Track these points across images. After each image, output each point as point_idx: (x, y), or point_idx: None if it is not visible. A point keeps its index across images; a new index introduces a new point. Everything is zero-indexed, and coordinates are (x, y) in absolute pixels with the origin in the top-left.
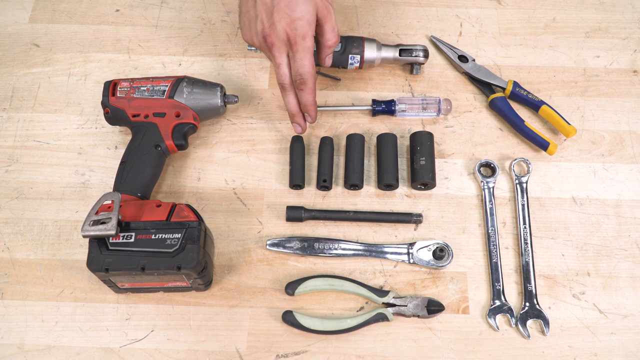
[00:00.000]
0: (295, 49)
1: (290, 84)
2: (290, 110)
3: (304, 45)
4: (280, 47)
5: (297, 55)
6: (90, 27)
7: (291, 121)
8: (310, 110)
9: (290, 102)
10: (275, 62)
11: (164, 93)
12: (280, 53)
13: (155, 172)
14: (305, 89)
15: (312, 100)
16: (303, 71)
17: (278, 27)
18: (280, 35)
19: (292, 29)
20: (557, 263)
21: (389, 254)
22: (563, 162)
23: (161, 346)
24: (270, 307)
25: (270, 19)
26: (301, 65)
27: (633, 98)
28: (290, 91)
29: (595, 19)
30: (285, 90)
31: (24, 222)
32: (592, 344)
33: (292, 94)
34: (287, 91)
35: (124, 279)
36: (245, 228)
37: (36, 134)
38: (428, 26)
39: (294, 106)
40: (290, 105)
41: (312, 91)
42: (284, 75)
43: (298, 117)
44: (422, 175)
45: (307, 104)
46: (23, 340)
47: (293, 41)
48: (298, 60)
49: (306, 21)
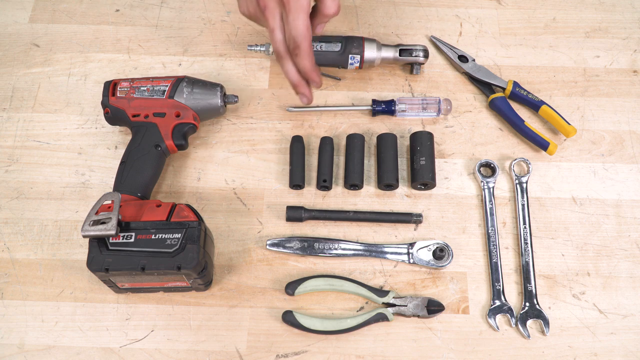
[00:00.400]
0: (288, 8)
1: (287, 51)
2: (292, 80)
3: (297, 3)
4: (273, 8)
5: (290, 15)
6: (90, 27)
7: (295, 92)
8: (312, 76)
9: (289, 70)
10: (269, 27)
11: (164, 93)
12: (273, 16)
13: (155, 172)
14: (300, 53)
15: (311, 65)
16: (296, 33)
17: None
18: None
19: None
20: (557, 263)
21: (389, 254)
22: (563, 162)
23: (161, 346)
24: (270, 307)
25: None
26: (294, 27)
27: (633, 98)
28: (287, 59)
29: (595, 19)
30: (282, 58)
31: (24, 222)
32: (592, 344)
33: (289, 62)
34: (284, 59)
35: (124, 279)
36: (245, 228)
37: (36, 134)
38: (428, 26)
39: (294, 75)
40: (290, 75)
41: (308, 55)
42: (279, 40)
43: (301, 87)
44: (422, 175)
45: (306, 69)
46: (23, 340)
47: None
48: (291, 21)
49: None
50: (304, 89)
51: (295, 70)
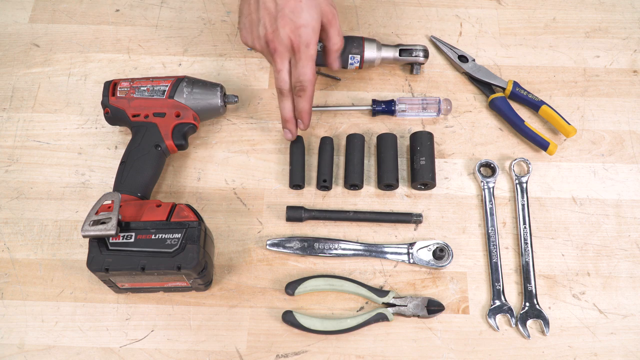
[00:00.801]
0: (298, 57)
1: (289, 90)
2: (285, 116)
3: (307, 53)
4: (283, 53)
5: (300, 62)
6: (90, 27)
7: (283, 126)
8: (304, 118)
9: (286, 107)
10: (276, 68)
11: (164, 93)
12: (282, 59)
13: (155, 172)
14: (304, 96)
15: (309, 108)
16: (304, 79)
17: (282, 33)
18: (283, 42)
19: (297, 36)
20: (557, 263)
21: (389, 254)
22: (563, 162)
23: (161, 346)
24: (270, 307)
25: (274, 24)
26: (303, 73)
27: (633, 98)
28: (287, 97)
29: (595, 19)
30: (283, 95)
31: (24, 222)
32: (592, 344)
33: (289, 100)
34: (284, 97)
35: (124, 279)
36: (245, 228)
37: (36, 134)
38: (428, 26)
39: (289, 112)
40: (285, 111)
41: (310, 99)
42: (284, 81)
43: (291, 124)
44: (422, 175)
45: (303, 111)
46: (23, 340)
47: (297, 48)
48: (300, 68)
49: (311, 29)
50: (292, 126)
51: (291, 108)
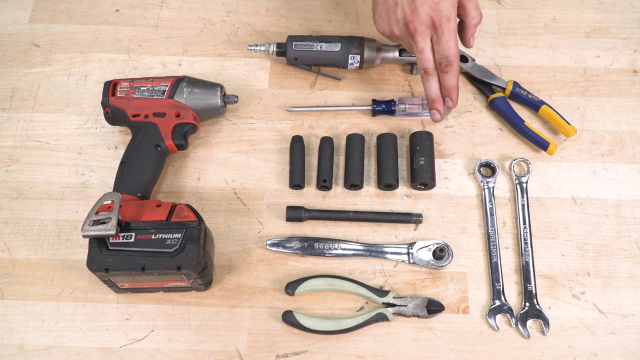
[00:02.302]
0: (440, 32)
1: (434, 69)
2: (432, 96)
3: (449, 27)
4: (424, 31)
5: (443, 37)
6: (90, 27)
7: (430, 107)
8: (453, 94)
9: (432, 86)
10: (418, 48)
11: (164, 93)
12: (423, 38)
13: (155, 172)
14: (451, 71)
15: (457, 84)
16: (449, 53)
17: (421, 11)
18: (423, 20)
19: (437, 12)
20: (557, 263)
21: (389, 254)
22: (563, 162)
23: (161, 346)
24: (270, 307)
25: (412, 4)
26: (447, 47)
27: (633, 98)
28: (433, 75)
29: (595, 19)
30: (429, 75)
31: (24, 222)
32: (592, 344)
33: (435, 79)
34: (430, 76)
35: (124, 279)
36: (245, 228)
37: (36, 134)
38: None
39: (435, 91)
40: (432, 90)
41: (457, 73)
42: (428, 60)
43: (438, 103)
44: (422, 175)
45: (451, 86)
46: (23, 340)
47: (438, 24)
48: (444, 43)
49: (449, 3)
50: (440, 106)
51: (438, 87)
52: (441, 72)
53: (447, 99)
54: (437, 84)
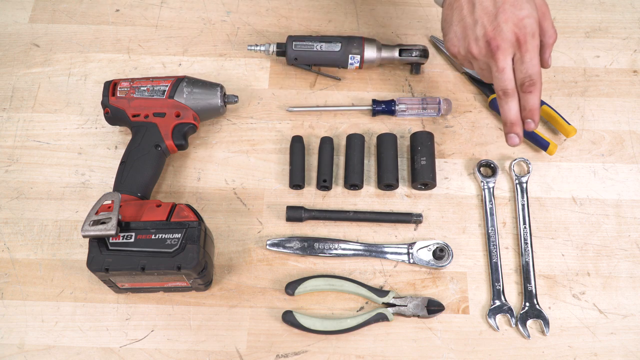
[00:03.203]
0: (524, 49)
1: (514, 89)
2: (511, 119)
3: (533, 44)
4: (507, 49)
5: (527, 55)
6: (90, 27)
7: (508, 131)
8: (535, 115)
9: (512, 108)
10: (499, 67)
11: (164, 93)
12: (505, 56)
13: (155, 172)
14: (535, 90)
15: (539, 104)
16: (533, 71)
17: (505, 28)
18: (507, 37)
19: (521, 28)
20: (557, 263)
21: (389, 254)
22: (563, 162)
23: (161, 346)
24: (270, 307)
25: (495, 21)
26: (532, 65)
27: (633, 98)
28: (513, 97)
29: (595, 19)
30: (508, 96)
31: (24, 222)
32: (592, 344)
33: (515, 100)
34: (509, 97)
35: (124, 279)
36: (245, 228)
37: (36, 134)
38: (428, 26)
39: (515, 114)
40: (512, 113)
41: (540, 93)
42: (509, 79)
43: (518, 126)
44: (422, 175)
45: (534, 107)
46: (23, 340)
47: (522, 40)
48: (528, 61)
49: (533, 19)
50: (520, 129)
51: (517, 109)
52: (523, 92)
53: (528, 120)
54: (517, 106)
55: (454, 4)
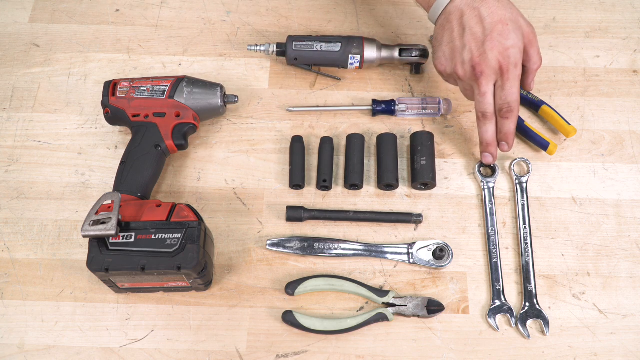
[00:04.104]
0: (506, 77)
1: (493, 113)
2: (487, 140)
3: (515, 73)
4: (489, 75)
5: (508, 83)
6: (90, 27)
7: (483, 151)
8: (510, 139)
9: (488, 131)
10: (480, 91)
11: (164, 93)
12: (487, 82)
13: (155, 172)
14: (511, 117)
15: (514, 129)
16: (511, 99)
17: (490, 55)
18: (491, 64)
19: (505, 58)
20: (557, 263)
21: (389, 254)
22: (563, 162)
23: (161, 346)
24: (270, 307)
25: (481, 48)
26: (511, 94)
27: (633, 98)
28: (491, 120)
29: (595, 19)
30: (487, 119)
31: (24, 222)
32: (592, 344)
33: (492, 123)
34: (488, 120)
35: (124, 279)
36: (245, 228)
37: (36, 134)
38: (428, 26)
39: (491, 135)
40: (488, 135)
41: (516, 120)
42: (489, 104)
43: (493, 147)
44: (422, 175)
45: (509, 132)
46: (23, 340)
47: (505, 69)
48: (508, 89)
49: (518, 49)
50: (495, 150)
51: (494, 131)
52: (500, 117)
53: (503, 143)
54: (493, 128)
55: (446, 25)
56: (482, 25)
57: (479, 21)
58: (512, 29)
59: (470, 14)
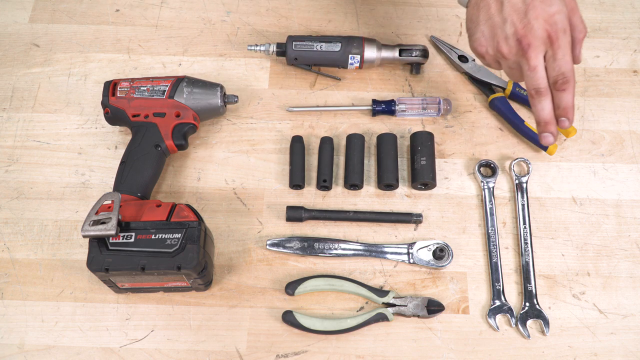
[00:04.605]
0: (556, 45)
1: (547, 88)
2: (545, 118)
3: (565, 40)
4: (538, 46)
5: (560, 51)
6: (90, 27)
7: (542, 131)
8: (570, 113)
9: (545, 107)
10: (531, 65)
11: (164, 93)
12: (537, 54)
13: (155, 172)
14: (569, 88)
15: (573, 102)
16: (567, 68)
17: (535, 25)
18: (538, 34)
19: (552, 25)
20: (557, 263)
21: (389, 254)
22: (563, 162)
23: (161, 346)
24: (270, 307)
25: (525, 18)
26: (565, 62)
27: (633, 98)
28: (546, 96)
29: (595, 19)
30: (541, 95)
31: (24, 222)
32: (592, 344)
33: (548, 99)
34: (542, 96)
35: (124, 279)
36: (245, 228)
37: (36, 134)
38: (428, 26)
39: (549, 112)
40: (545, 112)
41: (574, 90)
42: (541, 78)
43: (552, 125)
44: (422, 175)
45: (568, 105)
46: (23, 340)
47: (554, 37)
48: (560, 58)
49: (564, 14)
50: (554, 128)
51: (550, 107)
52: (556, 91)
53: (562, 119)
54: (550, 104)
55: (480, 3)
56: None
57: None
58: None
59: None
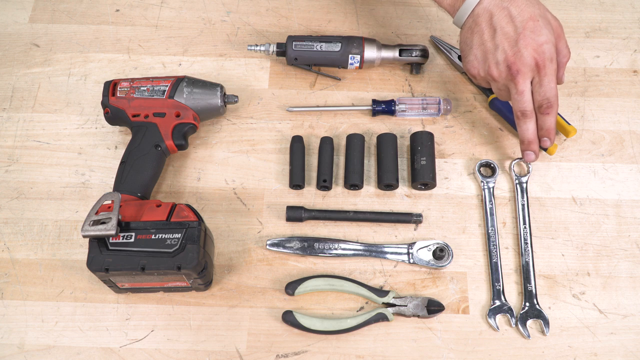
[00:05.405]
0: (543, 73)
1: (532, 111)
2: (528, 138)
3: (551, 68)
4: (526, 73)
5: (545, 79)
6: (90, 27)
7: (524, 149)
8: (551, 134)
9: (529, 129)
10: (518, 90)
11: (164, 93)
12: (524, 80)
13: (155, 172)
14: (552, 112)
15: (555, 124)
16: (551, 94)
17: (525, 53)
18: (527, 62)
19: (540, 54)
20: (557, 263)
21: (389, 254)
22: (563, 162)
23: (161, 346)
24: (270, 307)
25: (515, 46)
26: (549, 89)
27: (633, 98)
28: (531, 118)
29: (595, 19)
30: (527, 117)
31: (24, 222)
32: (592, 344)
33: (532, 121)
34: (527, 118)
35: (124, 279)
36: (245, 228)
37: (36, 134)
38: (428, 26)
39: (532, 133)
40: (529, 133)
41: (556, 115)
42: (527, 101)
43: (534, 144)
44: (422, 175)
45: (551, 127)
46: (23, 340)
47: (542, 65)
48: (546, 84)
49: (552, 44)
50: (536, 147)
51: (534, 128)
52: (540, 114)
53: (545, 139)
54: (534, 126)
55: (474, 28)
56: (513, 24)
57: (510, 20)
58: (542, 24)
59: (499, 14)
